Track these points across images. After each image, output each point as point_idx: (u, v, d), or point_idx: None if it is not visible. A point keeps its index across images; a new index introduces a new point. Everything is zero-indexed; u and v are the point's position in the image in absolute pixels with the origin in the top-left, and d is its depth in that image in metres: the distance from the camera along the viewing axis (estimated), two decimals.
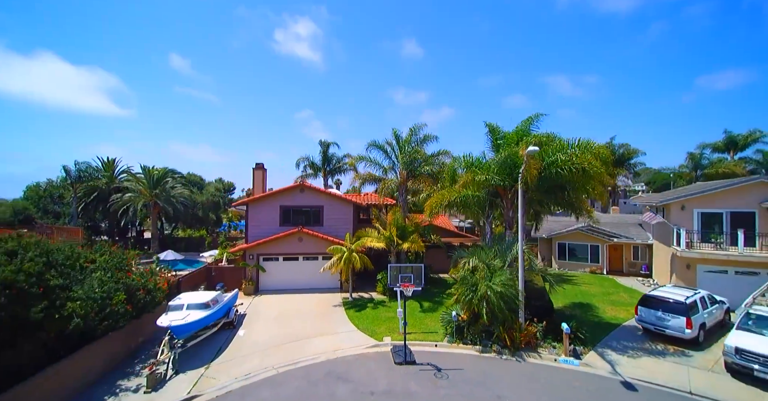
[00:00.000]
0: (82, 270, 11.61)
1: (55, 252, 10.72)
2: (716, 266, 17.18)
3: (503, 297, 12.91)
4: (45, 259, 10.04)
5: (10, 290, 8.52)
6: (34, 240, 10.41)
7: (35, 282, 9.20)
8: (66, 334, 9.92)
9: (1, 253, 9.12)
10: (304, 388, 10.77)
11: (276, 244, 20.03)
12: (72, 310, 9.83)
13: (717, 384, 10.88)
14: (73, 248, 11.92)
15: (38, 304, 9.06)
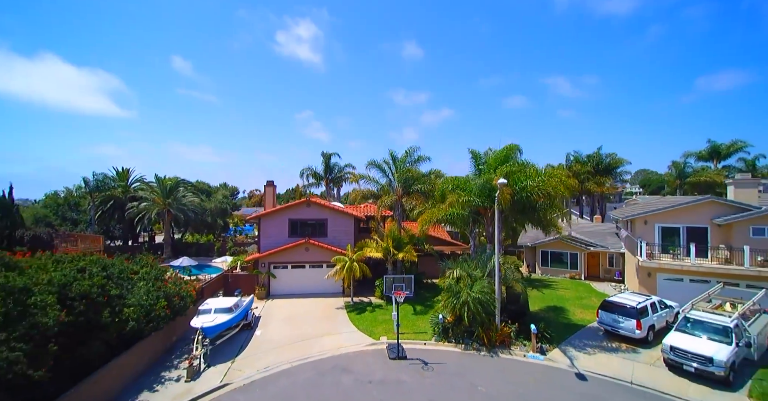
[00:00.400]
0: (130, 281, 13.98)
1: (111, 266, 13.11)
2: (673, 274, 19.52)
3: (481, 302, 15.28)
4: (105, 273, 12.44)
5: (85, 300, 10.90)
6: (96, 257, 12.79)
7: (101, 292, 11.59)
8: (123, 334, 12.29)
9: (76, 271, 11.49)
10: (315, 378, 13.14)
11: (285, 254, 22.41)
12: (128, 315, 12.21)
13: (654, 376, 13.23)
14: (122, 262, 14.30)
15: (104, 310, 11.45)
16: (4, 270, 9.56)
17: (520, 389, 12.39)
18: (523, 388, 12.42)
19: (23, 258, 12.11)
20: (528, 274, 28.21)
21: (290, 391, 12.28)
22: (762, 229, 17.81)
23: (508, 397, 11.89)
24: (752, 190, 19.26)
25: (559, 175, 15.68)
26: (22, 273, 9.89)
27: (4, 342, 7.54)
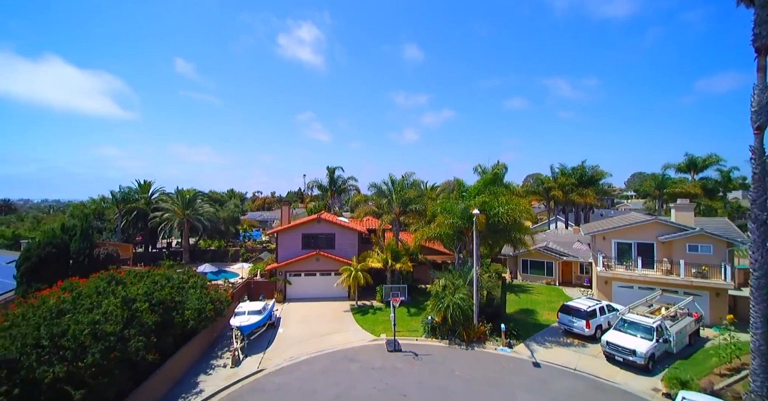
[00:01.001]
0: (184, 289, 17.77)
1: (172, 278, 16.92)
2: (625, 283, 23.29)
3: (461, 307, 19.04)
4: (170, 284, 16.24)
5: (162, 305, 14.70)
6: (162, 270, 16.59)
7: (171, 299, 15.39)
8: (184, 331, 16.08)
9: (151, 282, 15.29)
10: (329, 365, 16.92)
11: (299, 263, 26.19)
12: (188, 316, 16.00)
13: (594, 365, 17.00)
14: (178, 273, 18.09)
15: (173, 313, 15.25)
16: (115, 284, 13.31)
17: (487, 374, 16.17)
18: (490, 373, 16.21)
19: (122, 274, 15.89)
20: (510, 280, 32.01)
21: (311, 375, 16.07)
22: (696, 246, 21.57)
23: (477, 379, 15.67)
24: (689, 213, 23.00)
25: (523, 204, 19.46)
26: (125, 287, 13.64)
27: (134, 336, 11.27)
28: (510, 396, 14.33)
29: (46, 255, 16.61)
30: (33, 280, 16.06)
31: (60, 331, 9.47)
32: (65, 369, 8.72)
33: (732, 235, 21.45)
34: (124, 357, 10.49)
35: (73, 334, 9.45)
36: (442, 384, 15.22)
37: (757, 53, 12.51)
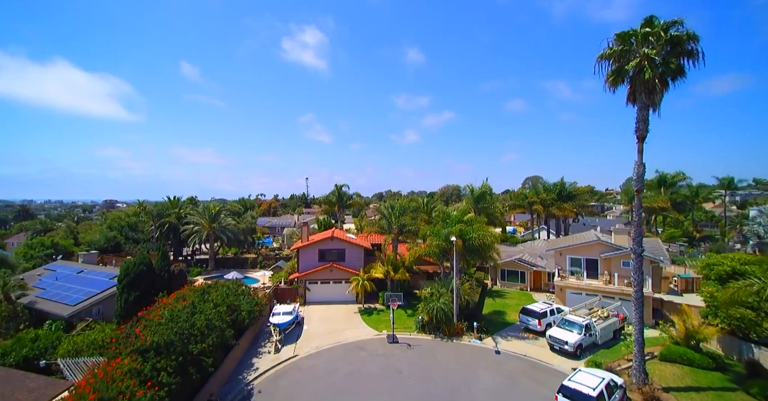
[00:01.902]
0: (237, 294, 23.91)
1: (229, 286, 23.08)
2: (576, 290, 29.35)
3: (444, 309, 25.12)
4: (232, 291, 22.39)
5: (230, 308, 20.85)
6: (224, 281, 22.75)
7: (234, 303, 21.53)
8: (240, 327, 22.21)
9: (222, 292, 21.44)
10: (345, 352, 23.03)
11: (316, 273, 32.30)
12: (243, 316, 22.14)
13: (540, 352, 23.05)
14: (234, 283, 24.22)
15: (236, 313, 21.40)
16: (207, 294, 19.45)
17: (460, 358, 22.26)
18: (462, 358, 22.30)
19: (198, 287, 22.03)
20: (491, 286, 38.09)
21: (332, 359, 22.19)
22: (628, 262, 27.56)
23: (452, 362, 21.76)
24: (624, 236, 29.00)
25: (492, 232, 25.54)
26: (210, 295, 19.79)
27: (225, 329, 17.36)
28: (473, 373, 20.42)
29: (139, 272, 22.60)
30: (131, 290, 22.02)
31: (192, 324, 15.49)
32: (198, 347, 14.73)
33: (656, 254, 27.53)
34: (222, 342, 16.50)
35: (199, 327, 15.46)
36: (427, 365, 21.33)
37: (637, 140, 18.61)
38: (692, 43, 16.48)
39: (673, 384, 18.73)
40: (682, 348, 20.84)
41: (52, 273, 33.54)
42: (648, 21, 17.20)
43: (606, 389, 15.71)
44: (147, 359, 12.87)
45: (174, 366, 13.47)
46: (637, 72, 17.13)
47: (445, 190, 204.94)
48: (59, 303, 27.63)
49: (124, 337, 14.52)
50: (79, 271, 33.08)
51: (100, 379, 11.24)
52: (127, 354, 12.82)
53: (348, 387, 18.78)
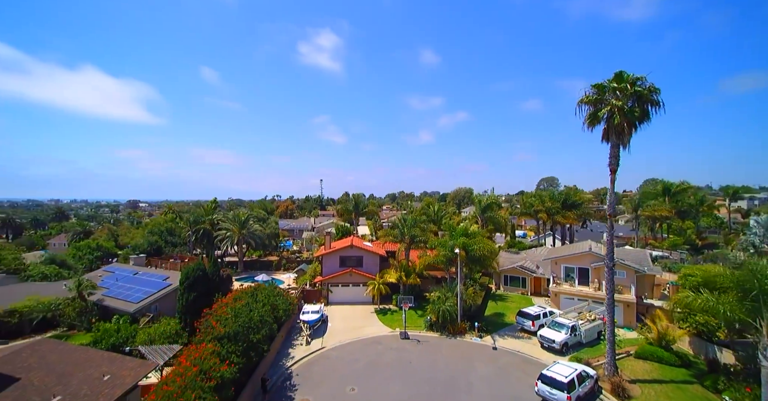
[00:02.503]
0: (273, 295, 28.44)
1: (269, 289, 27.65)
2: (569, 295, 32.78)
3: (449, 311, 29.06)
4: (270, 293, 26.94)
5: (272, 306, 25.38)
6: (264, 286, 27.33)
7: (274, 301, 26.06)
8: (279, 322, 26.72)
9: (266, 294, 26.00)
10: (364, 346, 27.28)
11: (337, 277, 36.67)
12: (281, 313, 26.65)
13: (531, 349, 26.75)
14: (271, 285, 28.78)
15: (276, 310, 25.92)
16: (256, 295, 24.05)
17: (461, 353, 26.19)
18: (463, 352, 26.22)
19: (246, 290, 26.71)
20: (494, 290, 41.70)
21: (354, 350, 26.45)
22: (615, 272, 30.86)
23: (454, 356, 25.69)
24: None
25: (492, 245, 29.32)
26: (257, 295, 24.39)
27: (272, 323, 21.83)
28: (472, 365, 24.32)
29: (197, 276, 27.34)
30: (191, 291, 26.73)
31: (250, 319, 19.97)
32: (256, 337, 19.15)
33: (639, 265, 30.75)
34: (270, 334, 20.94)
35: (255, 321, 19.92)
36: (433, 358, 25.35)
37: (610, 172, 22.16)
38: (654, 95, 20.00)
39: (641, 377, 22.21)
40: (655, 347, 24.23)
41: (112, 274, 39.00)
42: (618, 75, 20.78)
43: (577, 378, 19.41)
44: (223, 344, 17.36)
45: (240, 350, 17.95)
46: (609, 117, 20.74)
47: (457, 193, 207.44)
48: (124, 300, 32.84)
49: (205, 328, 19.12)
50: (135, 273, 38.42)
51: (197, 357, 15.75)
52: (209, 341, 17.35)
53: (368, 373, 23.01)
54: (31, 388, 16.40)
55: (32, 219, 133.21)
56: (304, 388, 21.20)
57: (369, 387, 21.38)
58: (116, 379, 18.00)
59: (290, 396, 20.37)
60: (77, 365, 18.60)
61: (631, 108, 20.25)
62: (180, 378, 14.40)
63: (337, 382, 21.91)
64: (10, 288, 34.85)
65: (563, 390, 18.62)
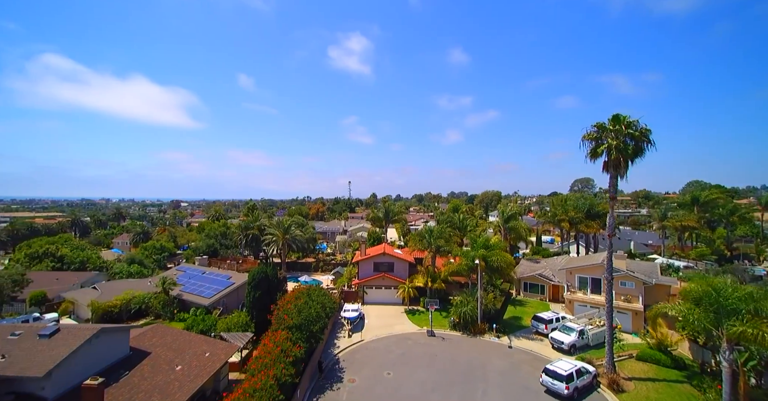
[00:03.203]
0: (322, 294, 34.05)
1: (318, 289, 33.33)
2: (582, 303, 36.03)
3: (470, 313, 33.42)
4: (320, 293, 32.59)
5: (322, 305, 30.97)
6: (313, 286, 33.04)
7: (321, 301, 31.65)
8: (328, 317, 32.25)
9: (317, 293, 31.65)
10: (396, 340, 32.29)
11: (372, 281, 41.90)
12: (328, 311, 32.17)
13: (543, 349, 30.60)
14: (318, 287, 34.48)
15: (326, 308, 31.49)
16: (309, 293, 29.78)
17: (480, 350, 30.52)
18: (481, 350, 30.54)
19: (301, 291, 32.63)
20: (515, 296, 45.30)
21: (388, 344, 31.50)
22: (625, 282, 33.93)
23: (473, 352, 30.08)
24: (623, 261, 35.09)
25: (508, 258, 33.33)
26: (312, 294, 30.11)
27: (324, 318, 27.36)
28: (488, 359, 28.61)
29: (261, 277, 33.48)
30: (256, 289, 32.87)
31: (309, 313, 25.59)
32: (315, 328, 24.66)
33: (647, 277, 33.59)
34: (323, 326, 26.50)
35: (314, 315, 25.50)
36: (455, 352, 29.88)
37: (610, 199, 25.79)
38: (645, 136, 23.49)
39: (638, 375, 25.62)
40: (654, 351, 27.41)
41: (184, 273, 46.51)
42: (615, 117, 24.41)
43: (576, 372, 23.30)
44: (292, 332, 22.96)
45: (304, 337, 23.49)
46: (607, 153, 24.40)
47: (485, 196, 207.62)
48: (198, 295, 39.84)
49: (278, 319, 24.92)
50: (203, 272, 45.69)
51: (276, 340, 21.42)
52: (282, 329, 23.04)
53: (400, 361, 27.98)
54: (159, 360, 22.72)
55: (96, 220, 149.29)
56: (349, 371, 26.52)
57: (401, 372, 26.33)
58: (214, 356, 24.09)
59: (339, 376, 25.74)
60: (185, 344, 24.92)
61: (625, 146, 23.82)
62: (269, 354, 20.05)
63: (376, 368, 27.05)
64: (110, 285, 43.05)
65: (562, 381, 22.62)
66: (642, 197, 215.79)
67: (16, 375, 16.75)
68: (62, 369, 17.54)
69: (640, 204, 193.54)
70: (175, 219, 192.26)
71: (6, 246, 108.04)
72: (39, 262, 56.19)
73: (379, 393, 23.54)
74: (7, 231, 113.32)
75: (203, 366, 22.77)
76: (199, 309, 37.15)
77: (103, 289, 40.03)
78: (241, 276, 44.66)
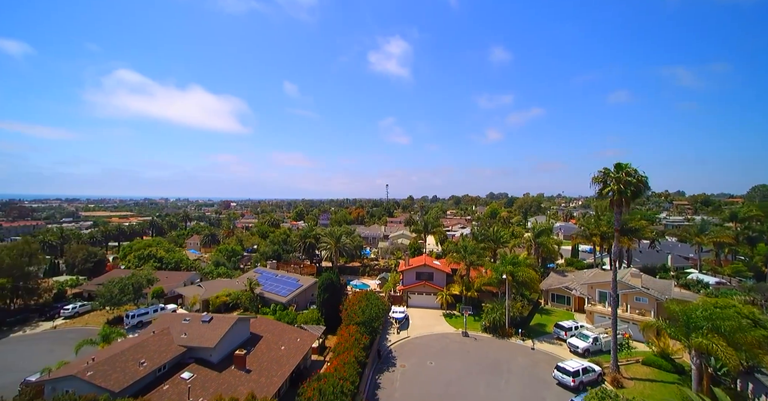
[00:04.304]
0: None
1: (372, 293, 41.67)
2: (601, 314, 41.03)
3: (499, 319, 39.95)
4: (373, 296, 40.91)
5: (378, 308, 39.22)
6: (371, 293, 41.42)
7: (375, 303, 39.92)
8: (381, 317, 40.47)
9: (372, 297, 39.99)
10: (436, 338, 39.71)
11: (414, 288, 49.55)
12: (381, 311, 40.34)
13: (561, 352, 36.47)
14: (372, 292, 42.84)
15: (379, 309, 39.73)
16: (367, 297, 38.18)
17: (507, 350, 37.05)
18: (508, 350, 37.06)
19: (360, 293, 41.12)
20: (543, 305, 50.70)
21: (429, 341, 39.01)
22: (639, 298, 38.63)
23: (501, 351, 36.70)
24: (638, 279, 39.55)
25: (533, 274, 39.42)
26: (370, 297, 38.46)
27: (381, 317, 35.49)
28: (513, 357, 35.12)
29: (328, 282, 42.50)
30: (325, 292, 41.95)
31: (371, 312, 33.98)
32: (375, 324, 32.89)
33: (660, 294, 38.03)
34: (381, 323, 34.69)
35: (373, 314, 33.73)
36: (485, 350, 36.70)
37: (615, 231, 31.36)
38: (642, 182, 28.95)
39: (639, 376, 30.94)
40: (656, 357, 32.40)
41: (261, 275, 57.17)
42: (618, 166, 30.03)
43: (582, 370, 29.32)
44: (359, 327, 31.28)
45: (368, 331, 31.72)
46: (611, 194, 30.11)
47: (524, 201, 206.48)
48: (276, 294, 49.86)
49: (348, 317, 33.49)
50: (276, 275, 56.02)
51: (351, 330, 29.84)
52: (353, 324, 31.46)
53: (440, 354, 35.39)
54: (269, 341, 32.01)
55: (169, 222, 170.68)
56: (400, 359, 34.41)
57: (441, 362, 33.74)
58: (302, 341, 33.09)
59: (393, 362, 33.72)
60: (282, 331, 34.19)
61: (626, 189, 29.40)
62: (346, 341, 28.48)
63: (420, 358, 34.69)
64: (209, 283, 54.63)
65: (570, 376, 28.80)
66: (700, 202, 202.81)
67: (197, 345, 26.55)
68: (220, 343, 27.11)
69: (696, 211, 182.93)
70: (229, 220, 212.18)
71: (100, 244, 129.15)
72: (145, 262, 70.20)
73: (425, 377, 31.19)
74: (102, 232, 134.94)
75: (297, 348, 31.80)
76: (278, 306, 46.99)
77: (206, 287, 51.44)
78: (305, 279, 54.43)
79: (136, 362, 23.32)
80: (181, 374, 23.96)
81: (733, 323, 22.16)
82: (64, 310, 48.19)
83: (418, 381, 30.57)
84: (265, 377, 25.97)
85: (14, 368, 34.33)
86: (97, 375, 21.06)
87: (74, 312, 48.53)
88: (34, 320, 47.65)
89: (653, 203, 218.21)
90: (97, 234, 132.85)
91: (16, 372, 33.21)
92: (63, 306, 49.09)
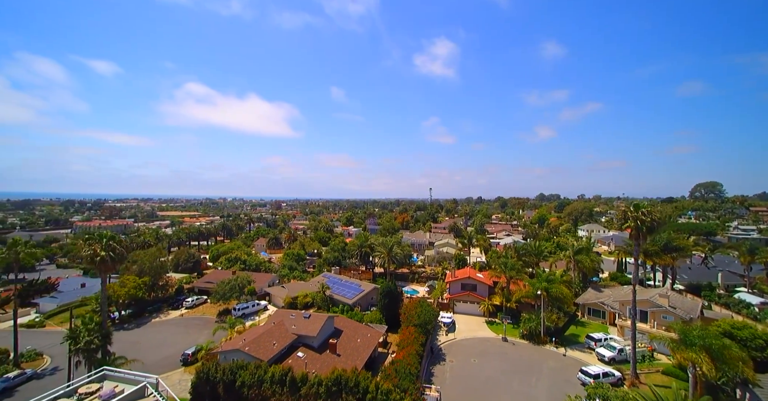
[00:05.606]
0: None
1: (424, 301, 50.47)
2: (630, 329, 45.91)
3: (535, 328, 46.62)
4: (424, 302, 49.67)
5: (430, 313, 47.95)
6: (423, 300, 50.27)
7: (427, 309, 48.62)
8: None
9: (424, 303, 48.80)
10: (479, 341, 47.46)
11: (460, 297, 57.38)
12: (431, 316, 48.98)
13: (590, 359, 42.45)
14: (423, 300, 51.62)
15: (430, 314, 48.42)
16: (420, 303, 47.05)
17: (541, 355, 43.79)
18: (542, 355, 43.79)
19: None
20: (580, 318, 55.90)
21: (473, 343, 46.86)
22: (665, 315, 43.18)
23: (536, 355, 43.53)
24: (665, 299, 43.80)
25: (566, 291, 45.59)
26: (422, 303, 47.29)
27: (433, 321, 44.18)
28: (546, 360, 41.85)
29: (388, 289, 52.00)
30: (385, 297, 51.42)
31: (425, 316, 42.75)
32: (428, 326, 41.52)
33: (686, 313, 42.32)
34: (433, 326, 43.36)
35: (426, 318, 42.55)
36: (521, 354, 43.76)
37: (634, 260, 37.09)
38: (656, 220, 34.56)
39: (655, 383, 36.32)
40: (675, 368, 37.40)
41: (329, 279, 68.39)
42: (636, 205, 35.84)
43: (602, 374, 35.60)
44: (416, 327, 40.17)
45: (423, 331, 40.53)
46: (630, 228, 35.98)
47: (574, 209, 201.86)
48: (343, 296, 60.48)
49: (407, 319, 42.61)
50: (341, 280, 66.88)
51: (410, 330, 38.87)
52: (411, 326, 40.47)
53: (482, 355, 43.20)
54: (348, 335, 42.01)
55: (236, 225, 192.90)
56: (449, 356, 42.79)
57: (482, 361, 41.57)
58: (372, 336, 42.77)
59: (443, 358, 42.20)
60: (355, 328, 44.18)
61: (641, 226, 35.15)
62: (407, 339, 37.55)
63: (466, 356, 42.78)
64: (291, 285, 67.00)
65: (591, 378, 35.25)
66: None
67: (304, 334, 37.23)
68: (319, 333, 37.53)
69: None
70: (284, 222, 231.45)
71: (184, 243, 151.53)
72: (233, 264, 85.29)
73: (469, 371, 39.30)
74: (186, 233, 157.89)
75: (368, 341, 41.51)
76: (345, 306, 57.48)
77: (289, 288, 63.67)
78: (365, 284, 64.62)
79: (271, 343, 34.41)
80: (297, 353, 34.64)
81: (718, 342, 27.69)
82: (186, 302, 63.00)
83: (463, 373, 38.77)
84: (351, 360, 35.86)
85: (168, 344, 48.12)
86: (252, 350, 32.29)
87: (192, 304, 63.17)
88: (165, 309, 62.90)
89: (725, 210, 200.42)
90: (182, 234, 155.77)
91: (172, 346, 46.83)
92: (185, 299, 64.04)
